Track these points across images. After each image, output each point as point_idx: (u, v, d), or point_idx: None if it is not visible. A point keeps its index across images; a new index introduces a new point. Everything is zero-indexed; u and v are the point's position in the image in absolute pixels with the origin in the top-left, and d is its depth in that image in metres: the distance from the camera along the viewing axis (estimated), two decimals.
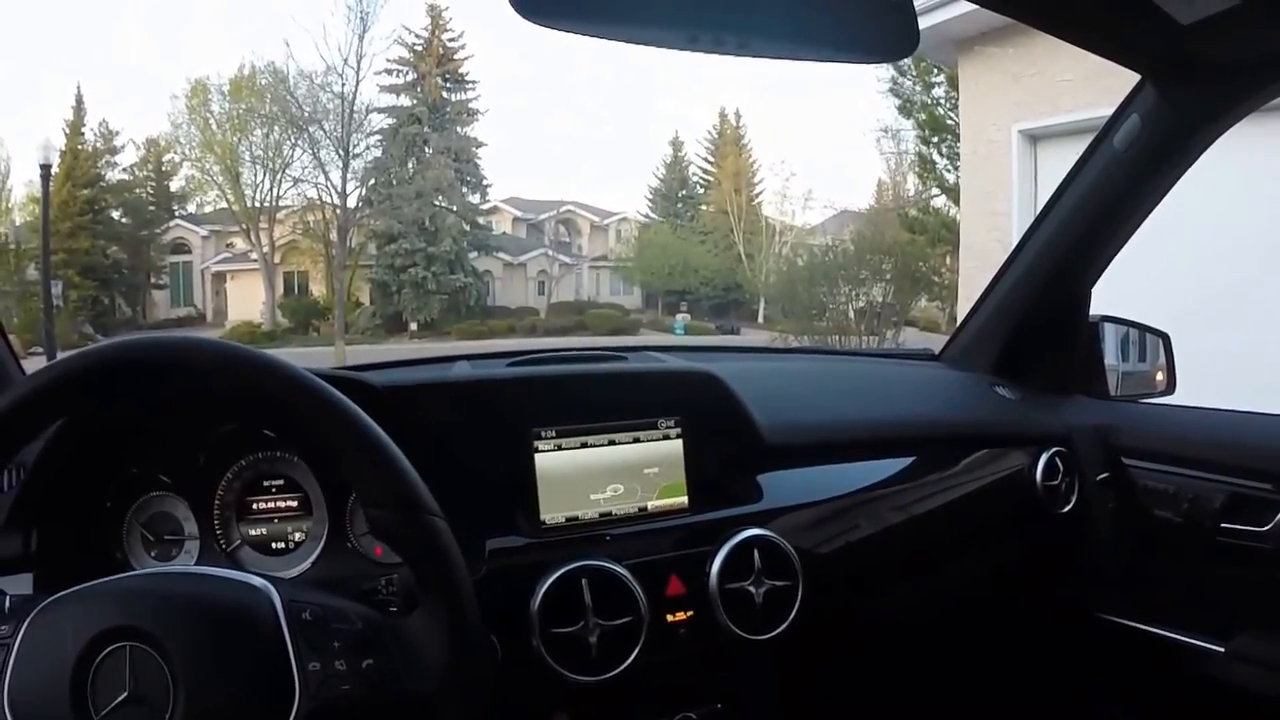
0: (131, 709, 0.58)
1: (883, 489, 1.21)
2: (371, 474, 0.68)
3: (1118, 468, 1.35)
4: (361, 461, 0.68)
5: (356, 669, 0.63)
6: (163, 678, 0.58)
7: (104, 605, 0.62)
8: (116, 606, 0.61)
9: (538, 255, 23.49)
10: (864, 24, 0.73)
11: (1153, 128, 1.20)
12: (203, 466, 0.95)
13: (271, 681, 0.61)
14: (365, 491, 0.69)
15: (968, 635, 1.33)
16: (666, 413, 1.06)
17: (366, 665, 0.63)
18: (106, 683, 0.58)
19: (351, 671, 0.62)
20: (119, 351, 0.67)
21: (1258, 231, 4.19)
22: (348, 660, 0.63)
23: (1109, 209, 1.32)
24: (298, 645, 0.62)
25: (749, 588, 0.99)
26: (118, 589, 0.65)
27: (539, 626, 0.89)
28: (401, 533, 0.68)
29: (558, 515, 1.00)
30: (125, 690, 0.58)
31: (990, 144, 6.37)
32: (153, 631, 0.59)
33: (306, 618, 0.63)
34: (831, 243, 16.09)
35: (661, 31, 0.70)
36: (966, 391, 1.48)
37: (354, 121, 20.10)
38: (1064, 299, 1.44)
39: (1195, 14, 0.93)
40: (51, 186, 14.33)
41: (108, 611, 0.61)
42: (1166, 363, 1.50)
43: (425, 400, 0.98)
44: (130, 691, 0.58)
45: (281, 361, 0.70)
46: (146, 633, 0.59)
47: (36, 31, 29.23)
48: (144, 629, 0.59)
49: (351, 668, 0.62)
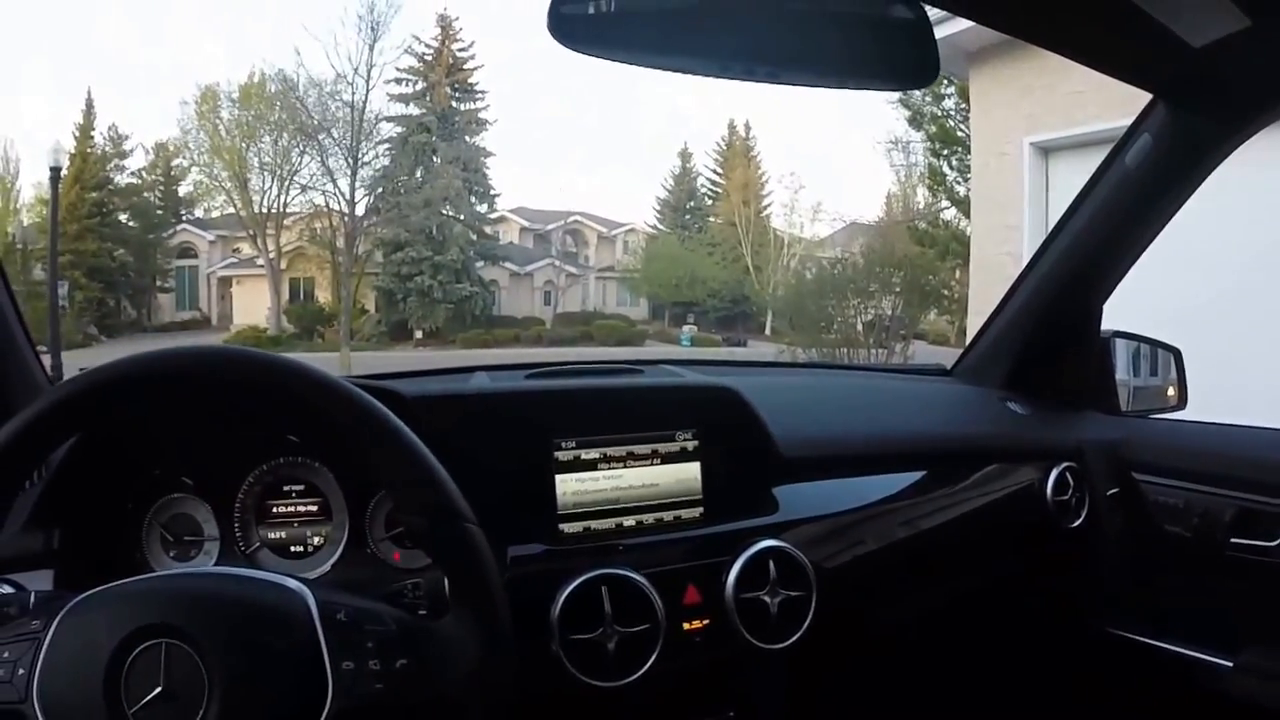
0: (164, 705, 0.59)
1: (895, 502, 1.22)
2: (410, 482, 0.70)
3: (1128, 483, 1.36)
4: (401, 469, 0.70)
5: (390, 668, 0.64)
6: (197, 675, 0.60)
7: (140, 602, 0.63)
8: (153, 604, 0.62)
9: (544, 265, 23.51)
10: (887, 53, 0.76)
11: (1164, 146, 1.22)
12: (225, 470, 0.97)
13: (305, 681, 0.62)
14: (403, 499, 0.71)
15: (977, 648, 1.33)
16: (684, 426, 1.07)
17: (400, 665, 0.64)
18: (140, 679, 0.59)
19: (385, 671, 0.63)
20: (158, 362, 0.69)
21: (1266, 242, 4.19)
22: (381, 660, 0.64)
23: (1121, 226, 1.33)
24: (331, 645, 0.63)
25: (764, 597, 1.00)
26: (154, 587, 0.66)
27: (559, 632, 0.91)
28: (438, 539, 0.70)
29: (576, 525, 1.01)
30: (159, 686, 0.59)
31: (1002, 156, 6.36)
32: (189, 629, 0.60)
33: (341, 618, 0.64)
34: (840, 255, 16.08)
35: (695, 60, 0.72)
36: (978, 407, 1.49)
37: (363, 130, 20.20)
38: (1076, 314, 1.45)
39: (1206, 36, 0.95)
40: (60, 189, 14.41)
41: (144, 609, 0.62)
42: (1178, 378, 1.51)
43: (450, 411, 0.99)
44: (164, 687, 0.59)
45: (321, 370, 0.72)
46: (183, 630, 0.60)
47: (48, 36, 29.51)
48: (180, 626, 0.61)
49: (385, 667, 0.64)
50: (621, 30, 0.70)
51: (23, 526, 0.84)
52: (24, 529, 0.84)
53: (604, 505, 1.03)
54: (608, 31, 0.69)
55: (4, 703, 0.59)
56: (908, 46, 0.75)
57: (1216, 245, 3.67)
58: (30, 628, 0.61)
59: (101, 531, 0.92)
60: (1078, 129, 5.40)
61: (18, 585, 0.77)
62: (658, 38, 0.71)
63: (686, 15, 0.70)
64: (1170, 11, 0.89)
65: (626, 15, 0.70)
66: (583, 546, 1.00)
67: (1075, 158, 5.62)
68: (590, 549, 1.00)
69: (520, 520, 0.97)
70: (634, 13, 0.70)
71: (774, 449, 1.14)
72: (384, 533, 0.99)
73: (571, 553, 0.99)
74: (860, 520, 1.17)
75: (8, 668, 0.60)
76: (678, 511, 1.06)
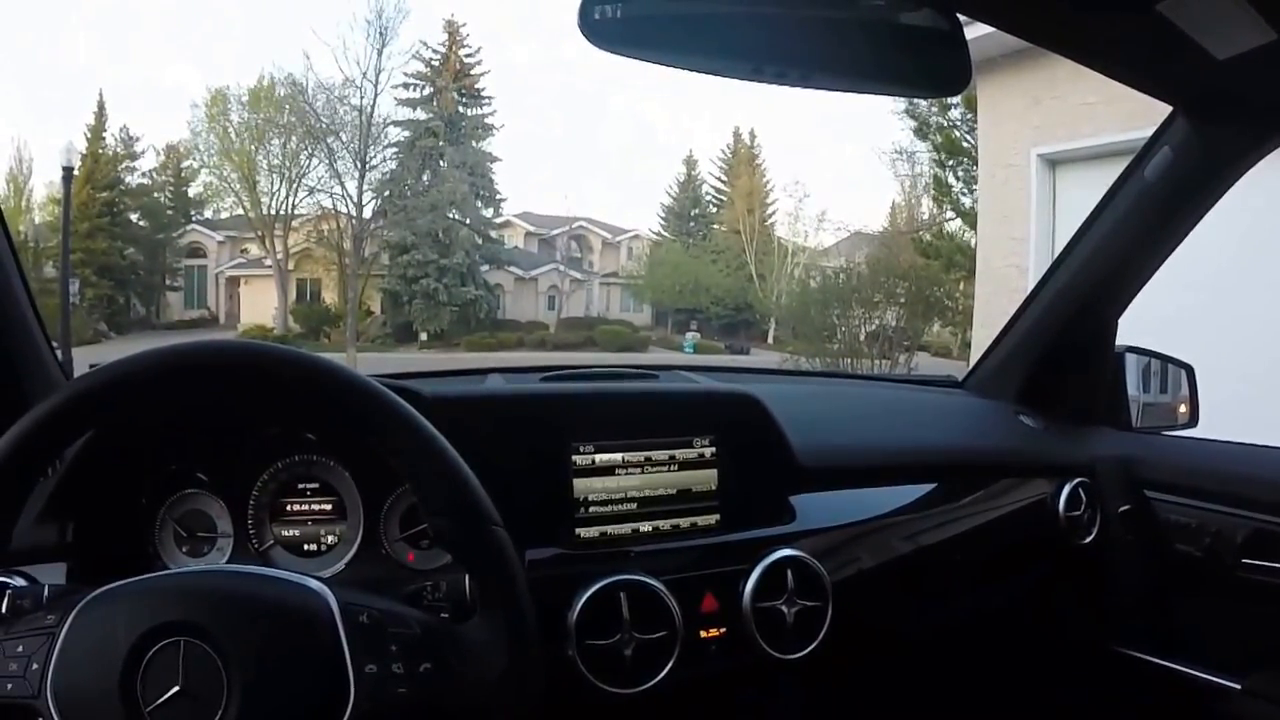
0: (182, 703, 0.58)
1: (908, 514, 1.22)
2: (437, 483, 0.69)
3: (1140, 500, 1.35)
4: (429, 470, 0.69)
5: (414, 672, 0.63)
6: (216, 674, 0.59)
7: (159, 599, 0.62)
8: (172, 601, 0.62)
9: (549, 270, 23.57)
10: (920, 59, 0.76)
11: (1184, 160, 1.22)
12: (240, 467, 0.97)
13: (326, 683, 0.61)
14: (430, 500, 0.70)
15: (988, 662, 1.33)
16: (703, 432, 1.07)
17: (424, 669, 0.63)
18: (158, 676, 0.58)
19: (409, 674, 0.63)
20: (177, 356, 0.68)
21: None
22: (405, 663, 0.63)
23: (1138, 240, 1.33)
24: (354, 647, 0.62)
25: (781, 607, 1.00)
26: (173, 584, 0.66)
27: (575, 637, 0.90)
28: (465, 542, 0.70)
29: (593, 529, 1.01)
30: (177, 684, 0.58)
31: (1008, 168, 6.36)
32: (209, 628, 0.60)
33: (364, 620, 0.64)
34: (844, 265, 16.07)
35: (727, 62, 0.72)
36: (991, 420, 1.49)
37: (371, 134, 20.32)
38: (1090, 329, 1.44)
39: (1231, 49, 0.95)
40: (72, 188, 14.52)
41: (163, 605, 0.61)
42: (1190, 395, 1.50)
43: (468, 412, 0.99)
44: (182, 686, 0.58)
45: (347, 366, 0.72)
46: (203, 628, 0.60)
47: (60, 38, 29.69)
48: (200, 624, 0.60)
49: (409, 670, 0.63)
50: (653, 30, 0.70)
51: (37, 519, 0.84)
52: (38, 521, 0.84)
53: (621, 510, 1.03)
54: (639, 31, 0.69)
55: (17, 697, 0.58)
56: (941, 53, 0.75)
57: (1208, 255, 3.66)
58: (45, 622, 0.61)
59: (115, 526, 0.91)
60: (1086, 141, 5.40)
61: (30, 577, 0.77)
62: (689, 39, 0.71)
63: (719, 18, 0.71)
64: (1196, 24, 0.89)
65: (658, 16, 0.70)
66: (600, 551, 1.00)
67: (1083, 170, 5.63)
68: (607, 554, 1.00)
69: (538, 523, 0.96)
70: (667, 14, 0.70)
71: (792, 458, 1.13)
72: (399, 533, 0.99)
73: (589, 557, 0.99)
74: (874, 531, 1.17)
75: (21, 662, 0.59)
76: (694, 518, 1.05)
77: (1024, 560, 1.33)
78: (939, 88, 0.83)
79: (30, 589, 0.68)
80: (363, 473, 0.99)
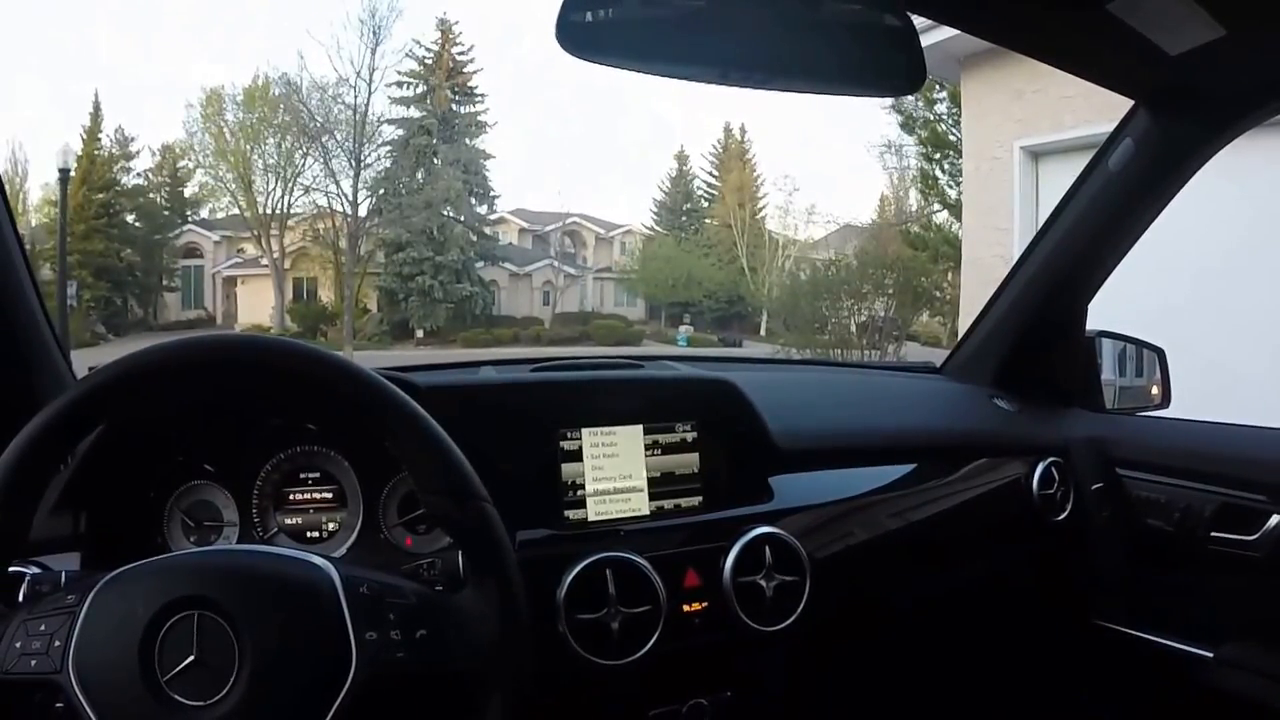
0: (197, 671, 0.61)
1: (886, 494, 1.26)
2: (431, 464, 0.74)
3: (1112, 478, 1.39)
4: (422, 452, 0.74)
5: (410, 638, 0.67)
6: (229, 644, 0.62)
7: (175, 576, 0.66)
8: (187, 577, 0.65)
9: (543, 266, 23.49)
10: (877, 60, 0.80)
11: (1146, 151, 1.26)
12: (245, 458, 1.01)
13: (330, 650, 0.65)
14: (424, 479, 0.75)
15: (966, 634, 1.37)
16: (684, 417, 1.12)
17: (420, 635, 0.67)
18: (174, 647, 0.62)
19: (406, 641, 0.67)
20: (184, 350, 0.72)
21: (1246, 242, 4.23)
22: (402, 630, 0.67)
23: (1105, 228, 1.37)
24: (355, 617, 0.66)
25: (760, 581, 1.04)
26: (188, 562, 0.70)
27: (565, 612, 0.95)
28: (457, 517, 0.74)
29: (580, 511, 1.06)
30: (191, 655, 0.62)
31: (993, 160, 6.41)
32: (221, 601, 0.63)
33: (364, 591, 0.68)
34: (834, 257, 16.09)
35: (696, 68, 0.76)
36: (967, 403, 1.53)
37: (365, 132, 20.21)
38: (1062, 314, 1.48)
39: (1183, 45, 0.99)
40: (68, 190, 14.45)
41: (179, 582, 0.65)
42: (1161, 377, 1.54)
43: (461, 400, 1.02)
44: (197, 656, 0.62)
45: (346, 358, 0.76)
46: (215, 602, 0.63)
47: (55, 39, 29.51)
48: (213, 598, 0.63)
49: (406, 637, 0.67)
50: (624, 38, 0.73)
51: (51, 511, 0.86)
52: (52, 513, 0.87)
53: (607, 492, 1.07)
54: (612, 40, 0.73)
55: (41, 673, 0.61)
56: (896, 53, 0.79)
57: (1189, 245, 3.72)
58: (65, 602, 0.64)
59: (125, 516, 0.95)
60: (1067, 133, 5.44)
61: (45, 567, 0.79)
62: (659, 46, 0.74)
63: (687, 24, 0.74)
64: (1147, 21, 0.93)
65: (629, 24, 0.73)
66: (587, 531, 1.05)
67: (1065, 161, 5.66)
68: (594, 534, 1.04)
69: (528, 506, 1.00)
70: (636, 22, 0.74)
71: (770, 441, 1.18)
72: (397, 519, 1.04)
73: (576, 537, 1.03)
74: (852, 510, 1.21)
75: (44, 640, 0.62)
76: (677, 499, 1.10)
77: (999, 537, 1.37)
78: (896, 87, 0.87)
79: (48, 575, 0.72)
80: (362, 462, 1.03)
